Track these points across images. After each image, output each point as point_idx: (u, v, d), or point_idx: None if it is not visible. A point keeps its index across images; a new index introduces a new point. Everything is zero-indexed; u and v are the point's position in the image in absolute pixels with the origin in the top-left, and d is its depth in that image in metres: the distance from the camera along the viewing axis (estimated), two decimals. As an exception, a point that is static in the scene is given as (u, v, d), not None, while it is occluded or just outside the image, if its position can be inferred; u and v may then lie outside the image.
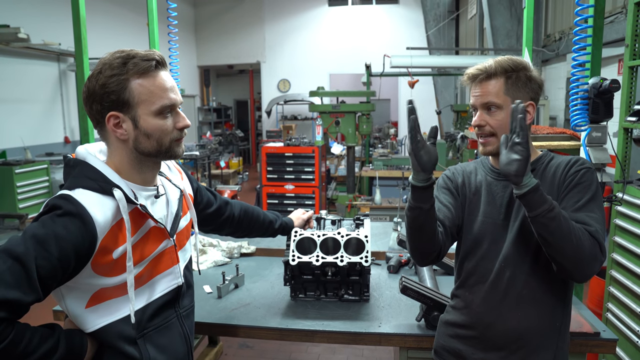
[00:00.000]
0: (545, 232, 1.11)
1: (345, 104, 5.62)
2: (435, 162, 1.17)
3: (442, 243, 1.28)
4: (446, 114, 8.22)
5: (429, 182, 1.18)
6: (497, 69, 1.23)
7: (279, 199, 5.15)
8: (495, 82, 1.23)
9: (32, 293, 0.94)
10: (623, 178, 2.23)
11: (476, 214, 1.31)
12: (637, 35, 2.17)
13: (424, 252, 1.28)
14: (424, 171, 1.16)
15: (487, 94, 1.24)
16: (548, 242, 1.12)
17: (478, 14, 8.19)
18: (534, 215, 1.10)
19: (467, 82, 1.29)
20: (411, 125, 1.13)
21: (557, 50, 5.89)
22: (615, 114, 2.13)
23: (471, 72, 1.27)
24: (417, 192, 1.19)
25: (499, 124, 1.23)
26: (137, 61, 1.07)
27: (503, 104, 1.23)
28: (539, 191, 1.09)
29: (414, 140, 1.14)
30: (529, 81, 1.24)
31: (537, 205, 1.09)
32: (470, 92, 1.29)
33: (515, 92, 1.23)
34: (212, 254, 2.34)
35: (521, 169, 1.08)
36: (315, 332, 1.63)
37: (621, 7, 4.44)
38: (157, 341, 1.18)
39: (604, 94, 2.01)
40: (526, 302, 1.24)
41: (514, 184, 1.11)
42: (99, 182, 1.06)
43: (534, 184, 1.09)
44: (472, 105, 1.29)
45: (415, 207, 1.20)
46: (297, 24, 11.88)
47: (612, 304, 2.33)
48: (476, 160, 1.42)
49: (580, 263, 1.12)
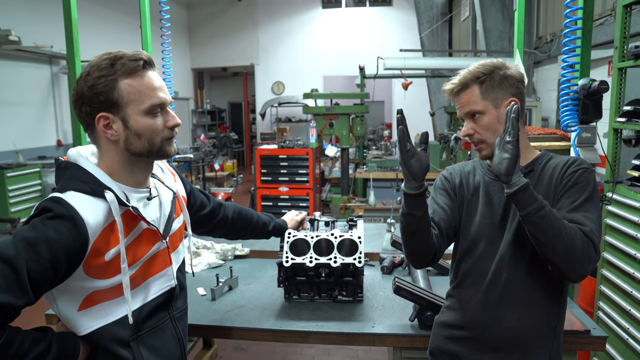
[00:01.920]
0: (537, 230, 1.11)
1: (339, 106, 5.63)
2: (426, 170, 1.18)
3: (438, 246, 1.29)
4: (440, 115, 8.25)
5: (420, 189, 1.19)
6: (467, 79, 1.26)
7: (273, 201, 5.15)
8: (470, 91, 1.26)
9: (23, 296, 0.93)
10: (613, 178, 2.26)
11: (474, 215, 1.32)
12: (625, 37, 2.20)
13: (419, 256, 1.30)
14: (415, 179, 1.17)
15: (467, 104, 1.27)
16: (540, 241, 1.13)
17: (471, 16, 8.25)
18: (525, 214, 1.11)
19: (449, 96, 1.32)
20: (400, 135, 1.15)
21: (548, 52, 5.94)
22: (605, 114, 2.16)
23: (447, 87, 1.31)
24: (409, 199, 1.20)
25: (486, 128, 1.25)
26: (125, 61, 1.07)
27: (484, 109, 1.25)
28: (529, 190, 1.10)
29: (404, 150, 1.15)
30: (505, 79, 1.25)
31: (527, 204, 1.10)
32: (455, 106, 1.32)
33: (493, 93, 1.25)
34: (206, 256, 2.34)
35: (510, 168, 1.09)
36: (309, 333, 1.63)
37: (610, 10, 4.49)
38: (151, 343, 1.17)
39: (593, 95, 2.04)
40: (522, 303, 1.25)
41: (504, 182, 1.12)
42: (91, 185, 1.06)
43: (523, 182, 1.10)
44: (459, 117, 1.32)
45: (408, 214, 1.21)
46: (291, 27, 11.90)
47: (603, 302, 2.35)
48: (474, 160, 1.42)
49: (572, 262, 1.12)
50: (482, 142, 1.27)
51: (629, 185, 2.22)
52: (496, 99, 1.25)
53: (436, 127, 8.80)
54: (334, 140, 6.81)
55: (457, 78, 1.28)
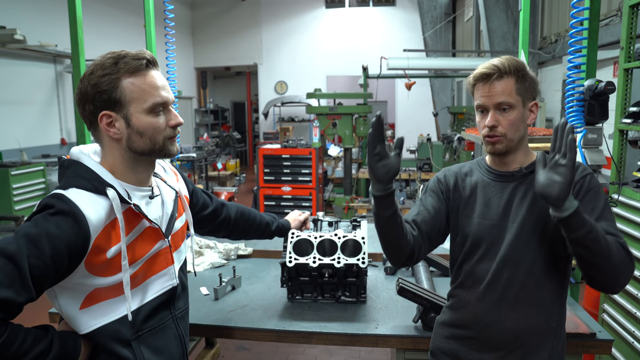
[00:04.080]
0: (585, 252, 1.09)
1: (342, 105, 5.62)
2: (394, 174, 1.18)
3: (416, 246, 1.29)
4: (443, 115, 8.24)
5: (387, 191, 1.19)
6: (509, 68, 1.20)
7: (276, 200, 5.15)
8: (506, 81, 1.21)
9: (25, 292, 0.93)
10: (619, 179, 2.24)
11: (472, 216, 1.31)
12: (631, 37, 2.18)
13: (392, 255, 1.31)
14: (379, 182, 1.18)
15: (500, 94, 1.21)
16: (586, 260, 1.11)
17: (474, 17, 8.23)
18: (575, 237, 1.08)
19: (472, 82, 1.26)
20: (369, 138, 1.15)
21: (553, 53, 5.92)
22: (611, 116, 2.14)
23: (483, 71, 1.22)
24: (376, 200, 1.21)
25: (511, 124, 1.22)
26: (128, 60, 1.08)
27: (515, 103, 1.22)
28: (580, 213, 1.07)
29: (372, 153, 1.16)
30: (532, 81, 1.24)
31: (578, 228, 1.07)
32: (478, 92, 1.24)
33: (524, 91, 1.23)
34: (209, 256, 2.34)
35: (563, 193, 1.05)
36: (312, 333, 1.63)
37: (616, 10, 4.47)
38: (152, 343, 1.17)
39: (600, 95, 2.02)
40: (523, 303, 1.24)
41: (554, 206, 1.08)
42: (93, 182, 1.06)
43: (574, 207, 1.06)
44: (481, 105, 1.24)
45: (376, 213, 1.23)
46: (294, 26, 11.90)
47: (607, 304, 2.34)
48: (472, 161, 1.41)
49: (617, 277, 1.12)
50: (502, 136, 1.23)
51: (635, 187, 2.20)
52: (525, 97, 1.23)
53: (439, 128, 8.78)
54: (337, 140, 6.81)
55: (494, 64, 1.21)
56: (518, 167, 1.29)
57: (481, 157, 1.40)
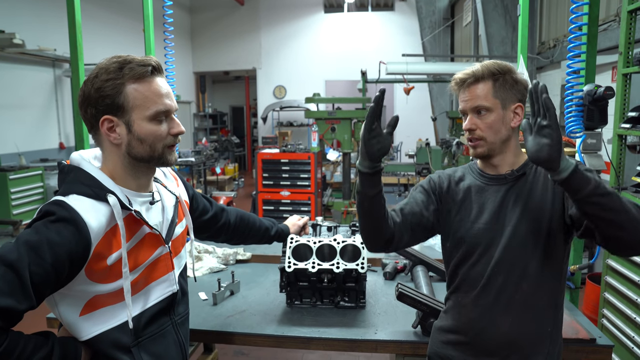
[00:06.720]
0: (600, 210, 1.02)
1: (341, 110, 5.63)
2: (385, 152, 1.18)
3: (396, 232, 1.28)
4: (442, 120, 8.25)
5: (374, 169, 1.19)
6: (484, 72, 1.24)
7: (275, 205, 5.14)
8: (483, 86, 1.24)
9: (25, 300, 0.93)
10: (618, 184, 2.24)
11: (466, 220, 1.30)
12: (630, 43, 2.19)
13: (370, 237, 1.29)
14: (370, 159, 1.17)
15: (476, 98, 1.24)
16: (601, 219, 1.04)
17: (473, 22, 8.26)
18: (583, 196, 1.02)
19: (455, 87, 1.30)
20: (369, 113, 1.15)
21: (551, 58, 5.94)
22: (610, 120, 2.15)
23: (459, 77, 1.27)
24: (362, 177, 1.21)
25: (489, 127, 1.24)
26: (134, 66, 1.07)
27: (492, 106, 1.23)
28: (579, 171, 1.02)
29: (369, 128, 1.15)
30: (515, 83, 1.25)
31: (582, 186, 1.01)
32: (459, 98, 1.29)
33: (504, 94, 1.24)
34: (207, 261, 2.33)
35: (555, 153, 1.01)
36: (311, 339, 1.62)
37: (614, 15, 4.49)
38: (152, 349, 1.16)
39: (599, 101, 2.03)
40: (518, 307, 1.24)
41: (550, 170, 1.04)
42: (93, 188, 1.06)
43: (572, 165, 1.02)
44: (461, 110, 1.29)
45: (360, 192, 1.22)
46: (293, 31, 11.93)
47: (607, 310, 2.33)
48: (464, 166, 1.41)
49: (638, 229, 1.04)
50: (481, 139, 1.25)
51: (634, 191, 2.20)
52: (505, 100, 1.24)
53: (438, 132, 8.79)
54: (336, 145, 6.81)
55: (471, 70, 1.25)
56: (509, 169, 1.28)
57: (473, 162, 1.40)
